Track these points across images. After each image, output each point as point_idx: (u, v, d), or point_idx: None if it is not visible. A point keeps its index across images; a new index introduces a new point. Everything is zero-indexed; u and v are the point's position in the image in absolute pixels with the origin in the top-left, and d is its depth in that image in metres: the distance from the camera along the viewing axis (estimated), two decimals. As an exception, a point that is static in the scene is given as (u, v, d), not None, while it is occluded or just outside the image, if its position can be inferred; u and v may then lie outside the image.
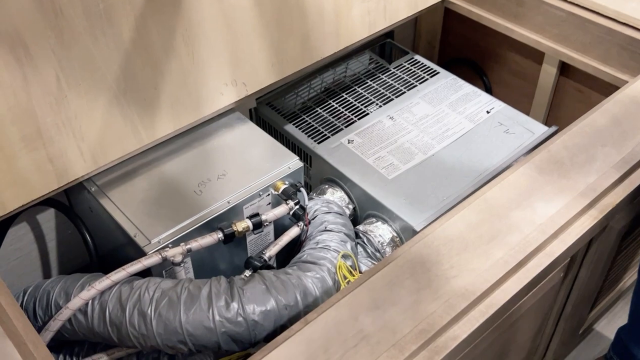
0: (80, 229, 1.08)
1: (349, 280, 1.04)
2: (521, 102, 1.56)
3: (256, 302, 0.90)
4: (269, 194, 1.09)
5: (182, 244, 0.97)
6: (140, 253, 0.98)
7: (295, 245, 1.13)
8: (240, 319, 0.88)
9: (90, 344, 1.03)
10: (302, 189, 1.10)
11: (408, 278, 0.76)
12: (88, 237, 1.09)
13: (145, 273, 0.95)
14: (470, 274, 0.75)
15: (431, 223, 1.16)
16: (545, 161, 0.92)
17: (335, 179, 1.28)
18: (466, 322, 0.72)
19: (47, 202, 1.06)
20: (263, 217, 1.03)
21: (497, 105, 1.40)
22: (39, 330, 0.98)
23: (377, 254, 1.19)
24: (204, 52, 1.07)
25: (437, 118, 1.37)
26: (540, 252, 0.80)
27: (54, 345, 1.04)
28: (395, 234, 1.19)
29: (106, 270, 1.09)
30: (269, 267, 1.05)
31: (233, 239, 1.01)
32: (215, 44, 1.07)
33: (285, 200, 1.07)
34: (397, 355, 0.68)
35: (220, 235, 0.99)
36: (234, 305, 0.89)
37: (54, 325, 0.95)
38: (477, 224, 0.82)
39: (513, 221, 0.82)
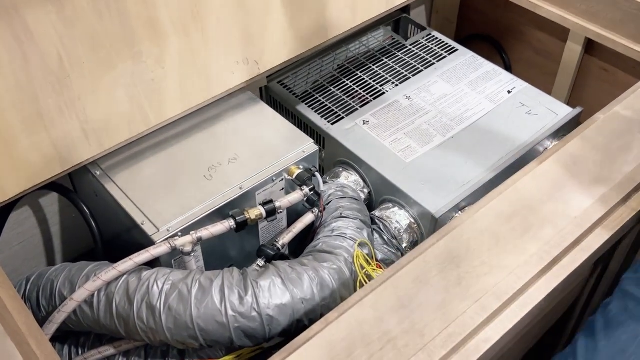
0: (85, 215, 1.03)
1: (367, 271, 0.99)
2: (542, 81, 1.49)
3: (271, 295, 0.85)
4: (282, 179, 1.04)
5: (192, 232, 0.92)
6: (148, 241, 0.94)
7: (309, 232, 1.08)
8: (254, 313, 0.84)
9: (97, 335, 0.99)
10: (317, 174, 1.04)
11: (436, 275, 0.71)
12: (93, 223, 1.04)
13: (153, 262, 0.91)
14: (503, 271, 0.70)
15: (452, 210, 1.11)
16: (579, 149, 0.86)
17: (350, 161, 1.23)
18: (498, 324, 0.68)
19: (50, 186, 1.01)
20: (277, 204, 0.98)
21: (519, 84, 1.33)
22: (43, 320, 0.93)
23: (394, 241, 1.14)
24: (214, 29, 1.00)
25: (456, 98, 1.31)
26: (576, 247, 0.75)
27: (59, 336, 1.00)
28: (412, 221, 1.14)
29: (112, 256, 1.05)
30: (283, 256, 1.00)
31: (245, 227, 0.96)
32: (226, 20, 1.01)
33: (300, 186, 1.02)
34: (426, 360, 0.64)
35: (232, 223, 0.95)
36: (248, 299, 0.84)
37: (59, 317, 0.90)
38: (508, 217, 0.77)
39: (546, 214, 0.77)
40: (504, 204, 0.79)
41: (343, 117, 1.28)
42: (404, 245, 1.15)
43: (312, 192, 1.02)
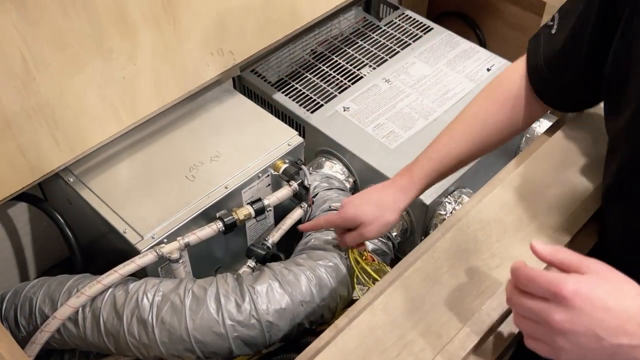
0: (60, 225, 0.96)
1: (362, 266, 0.96)
2: (518, 56, 1.47)
3: (269, 300, 0.81)
4: (268, 175, 0.99)
5: (178, 238, 0.87)
6: (132, 250, 0.88)
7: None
8: (253, 321, 0.80)
9: (82, 352, 0.93)
10: (304, 167, 1.00)
11: (446, 272, 0.68)
12: (69, 234, 0.97)
13: (139, 272, 0.85)
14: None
15: (441, 195, 1.09)
16: (580, 124, 0.83)
17: (333, 150, 1.19)
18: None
19: (19, 196, 0.94)
20: (265, 202, 0.94)
21: (497, 62, 1.31)
22: (24, 341, 0.88)
23: (386, 233, 1.11)
24: (187, 19, 0.94)
25: (436, 79, 1.28)
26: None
27: (41, 355, 0.94)
28: (402, 208, 1.11)
29: (90, 264, 0.99)
30: (274, 256, 0.96)
31: (234, 229, 0.91)
32: (198, 9, 0.95)
33: (288, 181, 0.97)
34: (446, 363, 0.61)
35: (220, 225, 0.90)
36: (246, 306, 0.80)
37: (41, 337, 0.85)
38: (514, 205, 0.74)
39: (553, 199, 0.74)
40: (507, 192, 0.76)
41: (322, 105, 1.23)
42: (394, 233, 1.12)
43: (300, 187, 0.98)
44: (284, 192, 0.96)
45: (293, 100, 1.25)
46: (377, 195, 0.83)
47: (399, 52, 1.35)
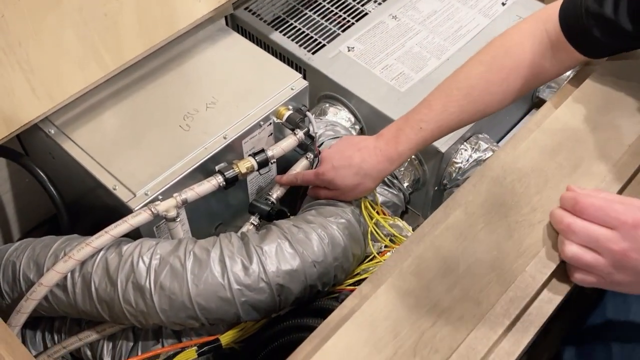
0: (43, 182, 0.87)
1: (376, 220, 0.88)
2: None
3: (279, 261, 0.73)
4: (270, 123, 0.90)
5: (175, 194, 0.79)
6: (123, 209, 0.80)
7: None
8: (262, 284, 0.72)
9: (74, 318, 0.86)
10: (309, 114, 0.91)
11: (482, 228, 0.60)
12: (53, 191, 0.88)
13: (132, 232, 0.77)
14: (558, 217, 0.60)
15: (457, 142, 1.01)
16: (621, 64, 0.75)
17: (337, 95, 1.09)
18: (563, 277, 0.58)
19: (-5, 152, 0.85)
20: (269, 154, 0.85)
21: (513, -5, 1.21)
22: (8, 309, 0.80)
23: (395, 182, 1.03)
24: (175, -53, 0.83)
25: (447, 14, 1.18)
26: (635, 179, 0.65)
27: (29, 321, 0.87)
28: (413, 157, 1.03)
29: (77, 222, 0.91)
30: (280, 212, 0.88)
31: (236, 183, 0.83)
32: None
33: (292, 129, 0.88)
34: (488, 334, 0.54)
35: (220, 179, 0.81)
36: (254, 268, 0.72)
37: (27, 305, 0.77)
38: (553, 151, 0.66)
39: (597, 144, 0.66)
40: (545, 137, 0.68)
41: (324, 45, 1.13)
42: (406, 184, 1.04)
43: (305, 136, 0.89)
44: (289, 141, 0.87)
45: (292, 40, 1.14)
46: (359, 159, 0.79)
47: (405, -15, 1.23)
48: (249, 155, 0.85)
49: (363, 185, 0.80)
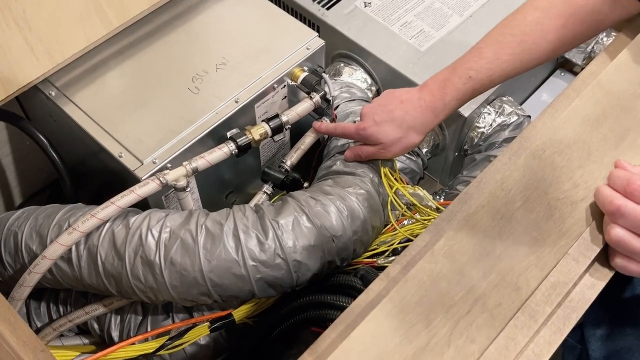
0: (44, 147, 0.82)
1: (397, 189, 0.83)
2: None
3: (297, 237, 0.69)
4: (284, 86, 0.85)
5: (185, 163, 0.74)
6: (130, 178, 0.75)
7: (317, 148, 0.91)
8: (279, 260, 0.68)
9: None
10: (326, 76, 0.85)
11: (520, 207, 0.56)
12: (54, 155, 0.83)
13: (140, 202, 0.73)
14: (603, 195, 0.55)
15: (481, 106, 0.95)
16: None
17: (353, 54, 1.03)
18: (606, 261, 0.53)
19: (-7, 115, 0.80)
20: (284, 119, 0.80)
21: (540, -53, 1.13)
22: (11, 281, 0.76)
23: (415, 149, 0.98)
24: None
25: (470, -32, 1.10)
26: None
27: (33, 293, 0.83)
28: (434, 121, 0.97)
29: (80, 187, 0.87)
30: (295, 181, 0.83)
31: (249, 151, 0.78)
32: None
33: (308, 93, 0.83)
34: (529, 322, 0.50)
35: (232, 147, 0.76)
36: (270, 244, 0.68)
37: (30, 279, 0.73)
38: (596, 121, 0.61)
39: (645, 114, 0.61)
40: (588, 105, 0.62)
41: (340, 0, 1.06)
42: (425, 150, 0.99)
43: (322, 99, 0.83)
44: (305, 106, 0.82)
45: (305, -6, 1.07)
46: (401, 111, 0.74)
47: (425, -64, 1.16)
48: (263, 121, 0.80)
49: (407, 139, 0.75)
